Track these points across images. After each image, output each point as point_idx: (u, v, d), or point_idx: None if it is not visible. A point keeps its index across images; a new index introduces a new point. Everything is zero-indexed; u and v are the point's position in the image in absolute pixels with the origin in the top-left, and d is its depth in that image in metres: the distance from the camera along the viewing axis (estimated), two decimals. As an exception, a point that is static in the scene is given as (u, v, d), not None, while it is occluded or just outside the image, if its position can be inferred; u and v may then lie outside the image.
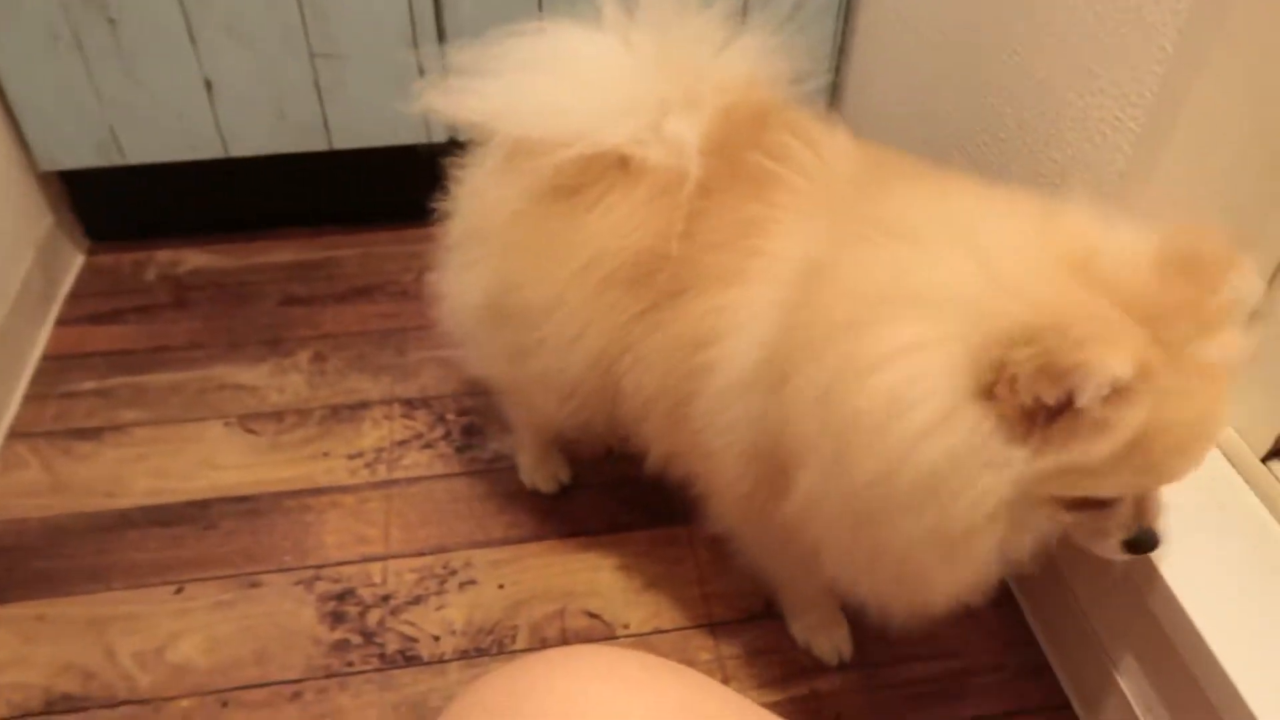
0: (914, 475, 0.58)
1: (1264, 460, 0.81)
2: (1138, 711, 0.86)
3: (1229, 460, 0.84)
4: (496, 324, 0.88)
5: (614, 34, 0.81)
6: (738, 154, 0.77)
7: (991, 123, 1.02)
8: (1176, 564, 0.76)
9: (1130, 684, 0.88)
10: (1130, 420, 0.54)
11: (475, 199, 0.88)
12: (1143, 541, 0.67)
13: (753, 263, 0.73)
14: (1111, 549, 0.67)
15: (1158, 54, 0.75)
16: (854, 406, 0.60)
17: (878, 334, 0.61)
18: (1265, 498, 0.81)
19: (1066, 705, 0.96)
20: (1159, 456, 0.58)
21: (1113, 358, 0.52)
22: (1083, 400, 0.53)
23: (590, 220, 0.78)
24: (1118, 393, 0.53)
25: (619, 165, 0.78)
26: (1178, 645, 0.75)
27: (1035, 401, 0.54)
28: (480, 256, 0.87)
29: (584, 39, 0.81)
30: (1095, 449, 0.55)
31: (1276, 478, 0.80)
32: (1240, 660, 0.70)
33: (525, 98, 0.80)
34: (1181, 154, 0.75)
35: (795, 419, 0.67)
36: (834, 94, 1.46)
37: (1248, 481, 0.82)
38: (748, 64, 0.81)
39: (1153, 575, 0.76)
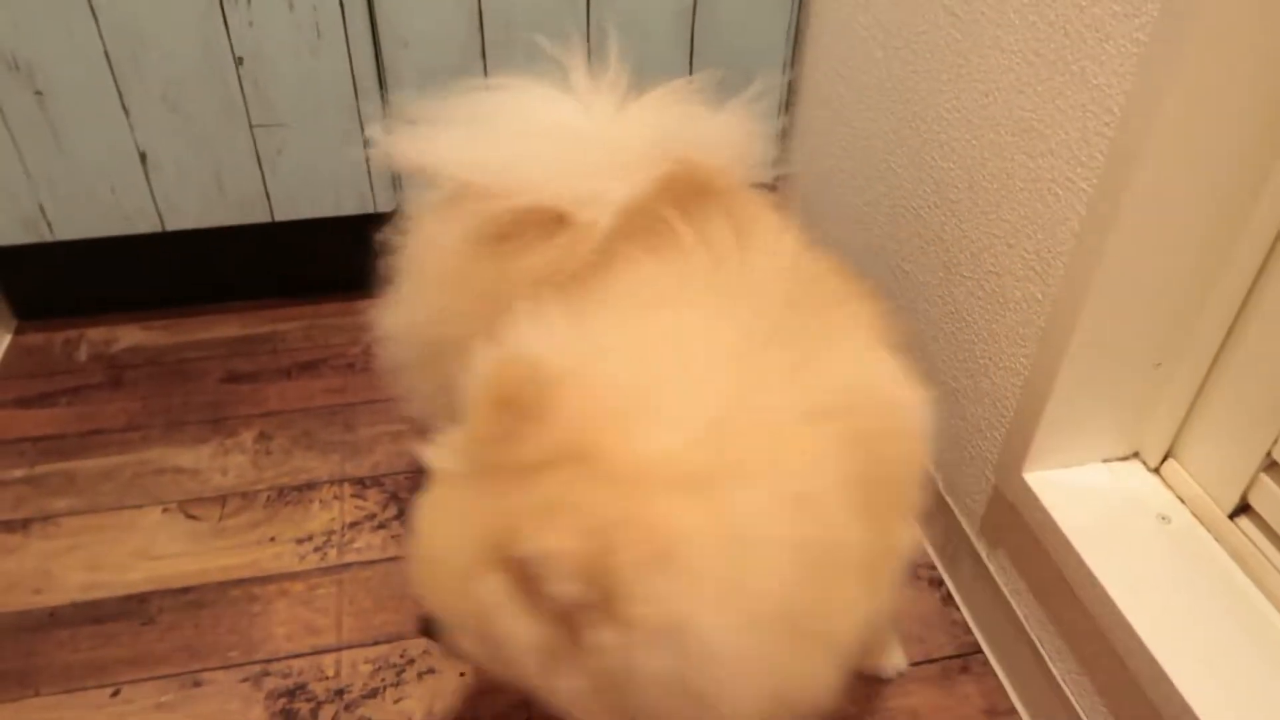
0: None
1: (1231, 517, 0.81)
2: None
3: (1197, 518, 0.84)
4: (428, 360, 0.87)
5: (580, 101, 0.80)
6: (655, 210, 0.74)
7: (941, 182, 1.02)
8: (1151, 621, 0.75)
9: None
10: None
11: (415, 234, 0.90)
12: None
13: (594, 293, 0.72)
14: None
15: (1106, 116, 0.76)
16: None
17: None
18: (1234, 554, 0.81)
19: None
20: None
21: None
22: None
23: (511, 266, 0.78)
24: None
25: (555, 220, 0.76)
26: (1154, 702, 0.74)
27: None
28: (414, 290, 0.88)
29: (549, 101, 0.81)
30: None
31: (1244, 534, 0.80)
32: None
33: (486, 152, 0.80)
34: (1136, 215, 0.75)
35: None
36: (780, 148, 1.47)
37: (1216, 538, 0.82)
38: (716, 144, 0.80)
39: (1126, 629, 0.76)
